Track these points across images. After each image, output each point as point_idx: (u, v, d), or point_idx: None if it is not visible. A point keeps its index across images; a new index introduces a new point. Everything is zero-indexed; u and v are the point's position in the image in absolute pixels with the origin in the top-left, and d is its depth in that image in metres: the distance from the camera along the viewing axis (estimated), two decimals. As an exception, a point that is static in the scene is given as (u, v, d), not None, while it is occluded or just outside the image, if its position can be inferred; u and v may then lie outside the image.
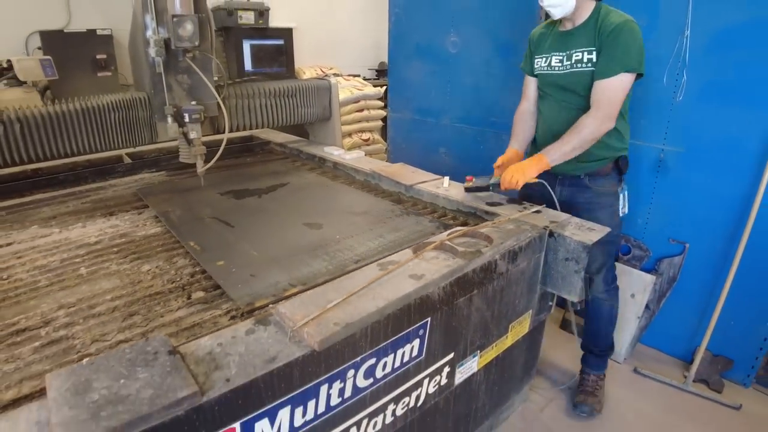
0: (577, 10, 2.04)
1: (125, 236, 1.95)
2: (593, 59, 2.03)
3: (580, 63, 2.07)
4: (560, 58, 2.14)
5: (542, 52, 2.24)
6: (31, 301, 1.51)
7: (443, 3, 3.51)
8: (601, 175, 2.22)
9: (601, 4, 2.07)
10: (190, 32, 2.14)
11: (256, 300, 1.36)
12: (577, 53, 2.07)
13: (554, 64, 2.17)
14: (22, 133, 2.19)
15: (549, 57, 2.20)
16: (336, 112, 3.09)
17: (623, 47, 1.95)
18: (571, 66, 2.10)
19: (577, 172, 2.23)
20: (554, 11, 2.04)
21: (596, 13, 2.05)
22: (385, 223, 1.94)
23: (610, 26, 1.98)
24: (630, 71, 1.97)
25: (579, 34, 2.08)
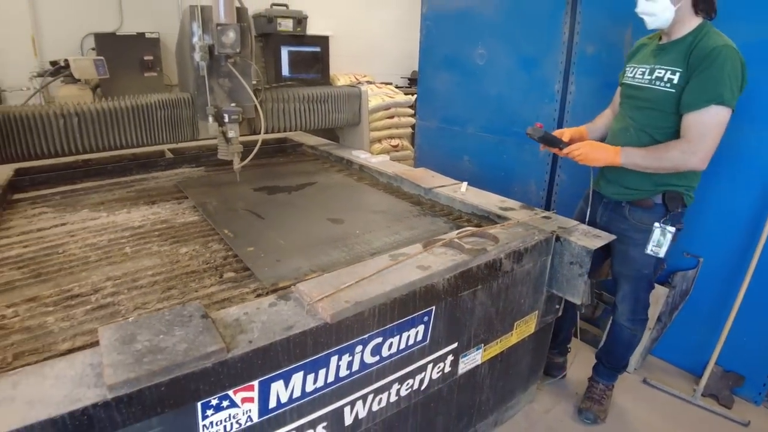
0: (675, 24, 1.91)
1: (166, 222, 2.15)
2: (674, 81, 1.90)
3: (660, 81, 1.95)
4: (644, 71, 2.05)
5: (633, 62, 2.16)
6: (82, 272, 1.71)
7: (472, 17, 3.65)
8: (642, 207, 2.12)
9: (707, 23, 1.91)
10: (232, 40, 2.34)
11: (280, 281, 1.53)
12: (660, 70, 1.96)
13: (637, 75, 2.08)
14: (79, 125, 2.42)
15: (636, 68, 2.10)
16: (365, 118, 3.27)
17: (716, 76, 1.79)
18: (650, 82, 2.00)
19: (618, 197, 2.18)
20: (648, 20, 1.94)
21: (696, 32, 1.89)
22: (402, 221, 2.09)
23: (705, 50, 1.82)
24: (722, 104, 1.80)
25: (670, 51, 1.95)
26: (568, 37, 3.07)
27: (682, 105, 1.88)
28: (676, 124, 1.96)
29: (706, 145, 1.85)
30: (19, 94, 4.43)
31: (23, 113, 2.30)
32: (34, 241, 2.01)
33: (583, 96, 3.06)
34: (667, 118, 1.97)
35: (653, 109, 2.01)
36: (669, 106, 1.94)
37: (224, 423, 1.15)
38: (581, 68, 3.05)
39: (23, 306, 1.49)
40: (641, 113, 2.07)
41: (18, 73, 4.44)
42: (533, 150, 3.35)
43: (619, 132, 2.17)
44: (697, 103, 1.83)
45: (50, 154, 2.41)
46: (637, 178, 2.07)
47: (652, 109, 2.01)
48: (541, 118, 3.23)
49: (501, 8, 3.46)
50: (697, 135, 1.85)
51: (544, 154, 3.30)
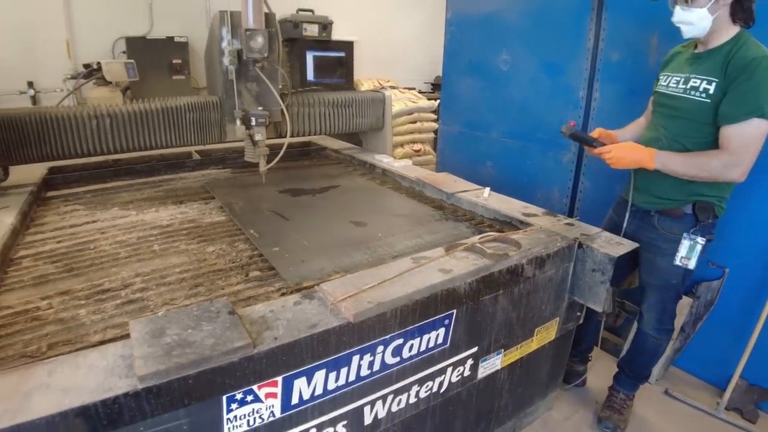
0: (712, 33, 1.88)
1: (193, 222, 2.20)
2: (710, 91, 1.87)
3: (695, 91, 1.92)
4: (678, 80, 2.02)
5: (667, 70, 2.13)
6: (113, 268, 1.77)
7: (496, 23, 3.66)
8: (671, 217, 2.09)
9: (744, 32, 1.88)
10: (260, 45, 2.39)
11: (304, 281, 1.56)
12: (696, 80, 1.93)
13: (671, 84, 2.05)
14: (111, 126, 2.50)
15: (670, 77, 2.07)
16: (388, 122, 3.30)
17: (756, 88, 1.75)
18: (685, 91, 1.97)
19: (647, 205, 2.17)
20: (684, 29, 1.91)
21: (734, 42, 1.86)
22: (424, 225, 2.11)
23: (744, 60, 1.78)
24: (763, 117, 1.76)
25: (706, 60, 1.92)
26: (593, 43, 3.06)
27: (721, 116, 1.85)
28: (710, 134, 1.93)
29: (747, 158, 1.82)
30: (53, 95, 4.57)
31: (58, 114, 2.38)
32: (66, 237, 2.07)
33: (607, 103, 3.05)
34: (702, 129, 1.95)
35: (687, 119, 1.98)
36: (703, 116, 1.92)
37: (248, 417, 1.18)
38: (606, 75, 3.03)
39: (57, 299, 1.55)
40: (674, 123, 2.04)
41: (53, 76, 4.59)
42: (557, 156, 3.34)
43: (650, 141, 2.14)
44: (737, 115, 1.80)
45: (83, 153, 2.49)
46: (668, 187, 2.05)
47: (686, 119, 1.99)
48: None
49: (526, 14, 3.47)
50: (739, 147, 1.81)
51: (568, 161, 3.29)
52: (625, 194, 2.31)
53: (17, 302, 1.52)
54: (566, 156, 3.30)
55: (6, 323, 1.40)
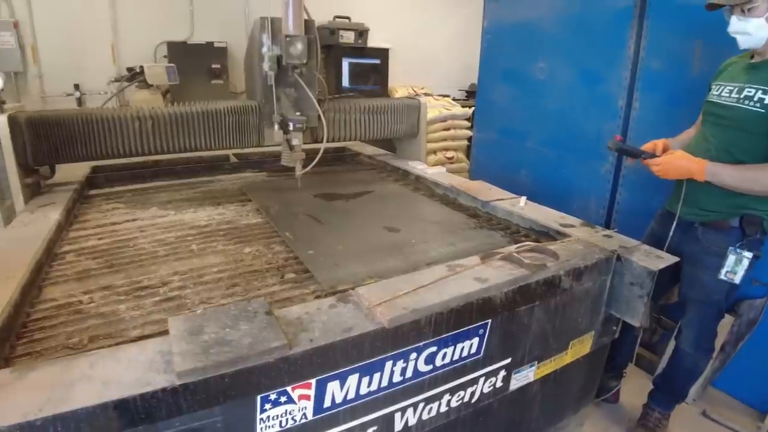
0: None
1: (230, 223, 2.24)
2: (765, 101, 1.83)
3: (749, 101, 1.89)
4: (731, 89, 1.99)
5: (720, 79, 2.10)
6: (152, 266, 1.81)
7: (533, 31, 3.63)
8: (716, 229, 2.05)
9: None
10: (299, 51, 2.42)
11: (339, 284, 1.56)
12: (750, 89, 1.90)
13: (723, 94, 2.02)
14: (153, 128, 2.56)
15: (723, 86, 2.04)
16: (423, 129, 3.29)
17: None
18: (738, 101, 1.93)
19: (692, 217, 2.11)
20: (741, 39, 1.89)
21: None
22: (458, 233, 2.09)
23: None
24: None
25: (762, 70, 1.90)
26: (634, 51, 3.00)
27: None
28: (763, 145, 1.88)
29: None
30: (97, 97, 4.74)
31: (103, 115, 2.46)
32: (108, 234, 2.13)
33: (647, 113, 2.98)
34: (754, 139, 1.89)
35: (739, 129, 1.93)
36: (757, 126, 1.87)
37: (280, 418, 1.18)
38: (646, 84, 2.97)
39: (98, 293, 1.60)
40: (725, 133, 2.00)
41: (97, 78, 4.76)
42: (594, 166, 3.28)
43: (698, 151, 2.09)
44: None
45: (125, 153, 2.56)
46: (715, 199, 2.00)
47: (738, 129, 1.94)
48: (604, 135, 3.16)
49: (563, 22, 3.43)
50: None
51: (606, 171, 3.23)
52: (669, 206, 2.25)
53: (61, 295, 1.57)
54: (604, 166, 3.24)
55: (50, 315, 1.45)
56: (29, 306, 1.50)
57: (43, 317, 1.44)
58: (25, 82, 4.69)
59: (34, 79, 4.70)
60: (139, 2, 4.95)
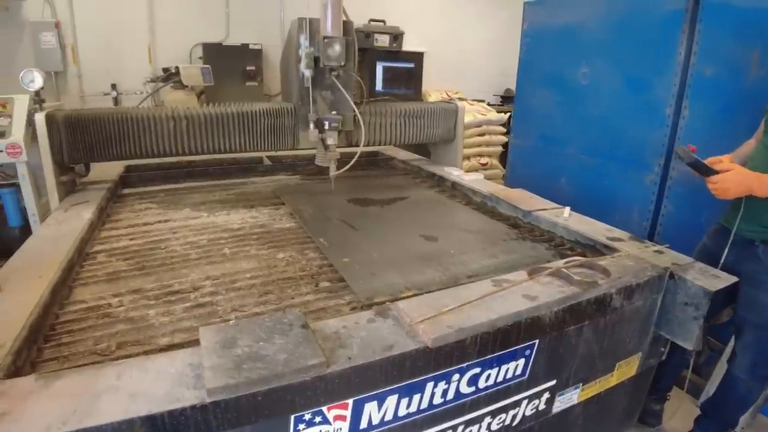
0: None
1: (263, 227, 2.18)
2: None
3: None
4: None
5: None
6: (183, 269, 1.76)
7: (576, 34, 3.50)
8: None
9: None
10: (338, 53, 2.36)
11: (375, 296, 1.48)
12: None
13: None
14: (188, 128, 2.53)
15: None
16: (460, 134, 3.20)
17: None
18: None
19: (751, 234, 2.00)
20: None
21: None
22: (498, 244, 1.99)
23: None
24: None
25: None
26: (684, 57, 2.85)
27: None
28: None
29: None
30: (133, 97, 4.78)
31: (138, 115, 2.44)
32: (140, 234, 2.10)
33: (698, 122, 2.82)
34: None
35: None
36: None
37: (314, 439, 1.11)
38: (697, 92, 2.81)
39: (128, 297, 1.55)
40: None
41: (134, 78, 4.81)
42: (638, 176, 3.13)
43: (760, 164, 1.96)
44: None
45: (159, 153, 2.54)
46: None
47: None
48: (649, 144, 3.02)
49: (609, 26, 3.29)
50: None
51: (651, 182, 3.07)
52: (726, 221, 2.10)
53: (90, 297, 1.53)
54: (649, 176, 3.08)
55: (79, 318, 1.41)
56: (59, 307, 1.46)
57: (72, 320, 1.40)
58: (64, 81, 4.77)
59: (73, 78, 4.77)
60: (176, 4, 4.99)
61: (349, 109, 2.53)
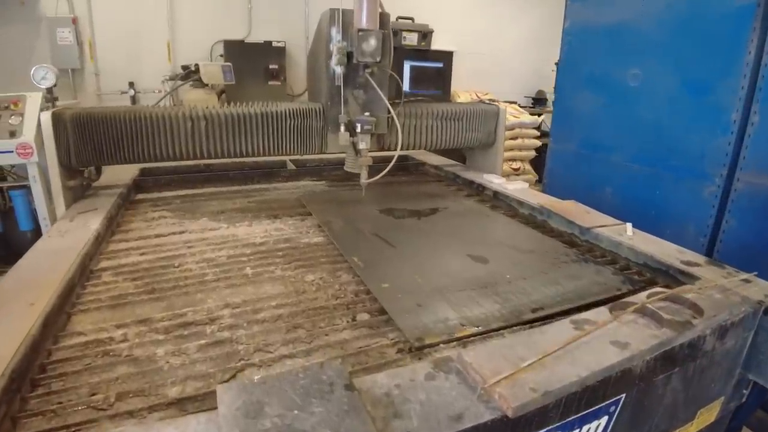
0: None
1: (289, 241, 1.95)
2: None
3: None
4: None
5: None
6: (198, 294, 1.54)
7: (625, 32, 3.21)
8: None
9: None
10: (373, 47, 2.13)
11: (426, 336, 1.24)
12: None
13: None
14: (206, 130, 2.32)
15: None
16: (500, 138, 2.94)
17: None
18: None
19: None
20: None
21: None
22: (559, 267, 1.73)
23: None
24: None
25: None
26: (755, 57, 2.55)
27: None
28: None
29: None
30: (151, 95, 4.60)
31: (152, 114, 2.24)
32: (151, 248, 1.90)
33: (770, 129, 2.53)
34: None
35: None
36: None
37: None
38: (770, 95, 2.52)
39: (134, 329, 1.33)
40: None
41: (153, 76, 4.63)
42: (696, 188, 2.84)
43: None
44: None
45: (175, 156, 2.34)
46: None
47: None
48: (712, 152, 2.73)
49: (665, 23, 3.00)
50: None
51: (710, 194, 2.78)
52: None
53: (91, 328, 1.32)
54: (709, 188, 2.79)
55: (75, 356, 1.19)
56: (52, 341, 1.24)
57: (66, 359, 1.18)
58: (81, 79, 4.62)
59: (90, 76, 4.62)
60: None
61: (384, 110, 2.30)
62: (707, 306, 1.38)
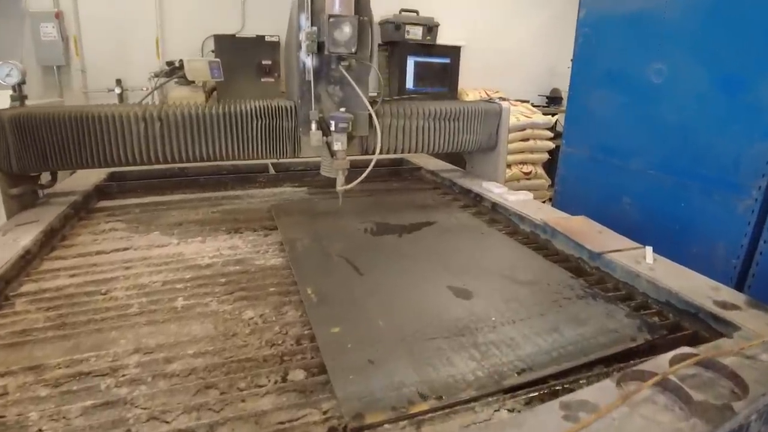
0: None
1: (240, 264, 1.67)
2: None
3: None
4: None
5: None
6: (113, 331, 1.28)
7: (649, 22, 2.86)
8: None
9: None
10: (347, 36, 1.83)
11: (368, 411, 0.93)
12: None
13: None
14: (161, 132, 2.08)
15: None
16: (503, 141, 2.61)
17: None
18: None
19: None
20: None
21: None
22: (561, 306, 1.40)
23: None
24: None
25: None
26: (803, 49, 2.21)
27: None
28: None
29: None
30: (139, 94, 4.36)
31: (101, 114, 1.98)
32: (85, 269, 1.65)
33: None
34: None
35: None
36: None
37: None
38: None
39: (19, 378, 1.09)
40: None
41: (141, 73, 4.39)
42: (728, 201, 2.48)
43: None
44: None
45: (127, 161, 2.10)
46: None
47: None
48: (748, 160, 2.37)
49: (694, 9, 2.65)
50: None
51: (746, 209, 2.42)
52: None
53: (-32, 376, 1.05)
54: (744, 202, 2.43)
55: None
56: None
57: None
58: (68, 76, 4.39)
59: (77, 73, 4.40)
60: (188, -9, 4.56)
61: (363, 108, 2.00)
62: (753, 377, 1.04)
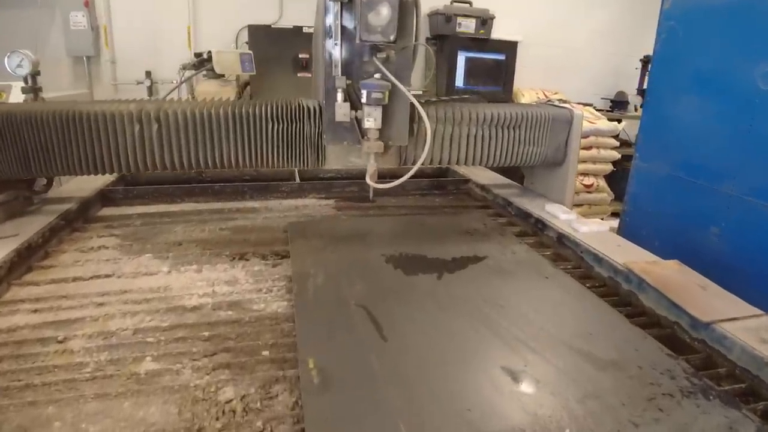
0: None
1: (234, 308, 1.33)
2: None
3: None
4: None
5: None
6: (49, 407, 0.96)
7: (756, 12, 2.35)
8: None
9: None
10: (384, 20, 1.46)
11: None
12: None
13: None
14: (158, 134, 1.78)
15: None
16: (573, 155, 2.14)
17: None
18: None
19: None
20: None
21: None
22: (661, 410, 0.97)
23: None
24: None
25: None
26: None
27: None
28: None
29: None
30: (169, 86, 4.11)
31: (90, 113, 1.68)
32: (52, 302, 1.37)
33: None
34: None
35: None
36: None
37: None
38: None
39: None
40: None
41: (172, 65, 4.16)
42: None
43: None
44: None
45: (120, 168, 1.84)
46: None
47: None
48: None
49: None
50: None
51: None
52: None
53: None
54: None
55: None
56: None
57: None
58: (97, 67, 4.20)
59: (106, 64, 4.20)
60: (223, -22, 4.29)
61: (403, 111, 1.62)
62: None
